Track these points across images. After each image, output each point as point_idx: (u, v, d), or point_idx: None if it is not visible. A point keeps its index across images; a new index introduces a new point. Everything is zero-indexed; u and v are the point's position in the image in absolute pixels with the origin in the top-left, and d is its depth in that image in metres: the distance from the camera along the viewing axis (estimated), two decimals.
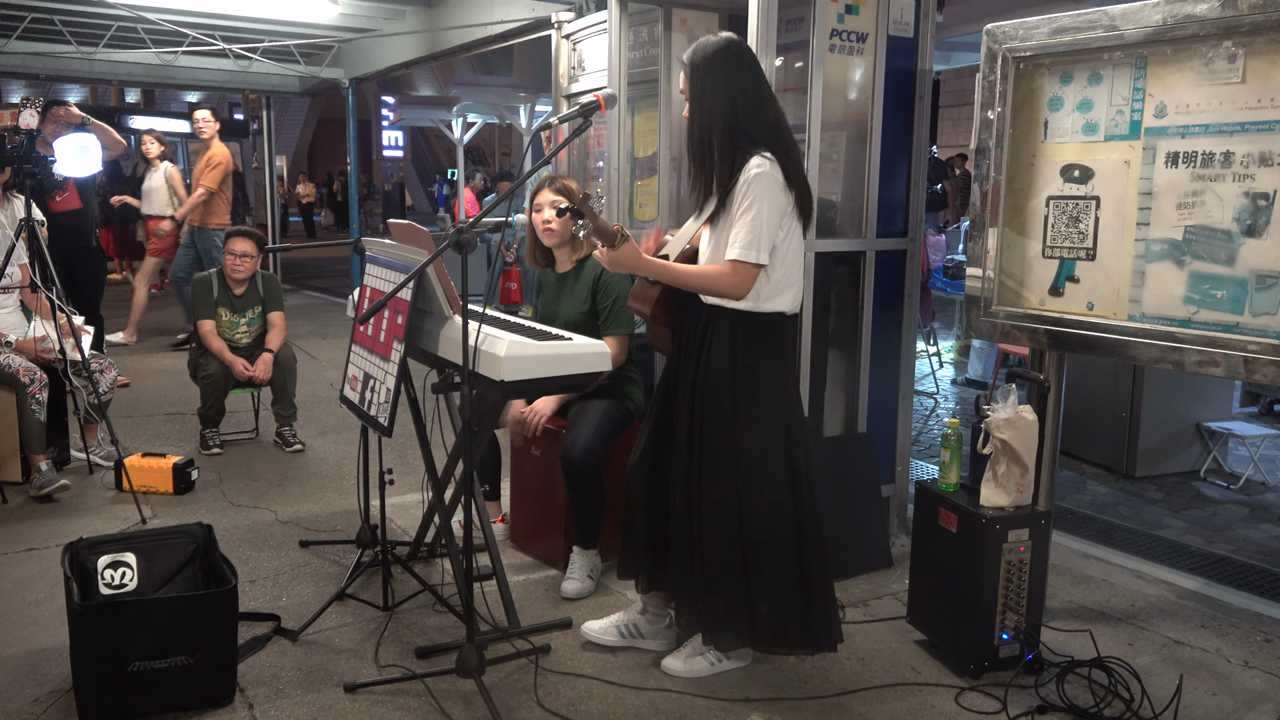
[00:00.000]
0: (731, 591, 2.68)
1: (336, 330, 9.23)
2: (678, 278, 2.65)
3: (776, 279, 2.61)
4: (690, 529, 2.69)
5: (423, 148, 30.25)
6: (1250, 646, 3.08)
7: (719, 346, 2.64)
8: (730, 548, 2.66)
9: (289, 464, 4.92)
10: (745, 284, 2.56)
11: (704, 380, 2.65)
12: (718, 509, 2.66)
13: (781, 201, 2.55)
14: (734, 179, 2.55)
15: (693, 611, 2.78)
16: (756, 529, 2.65)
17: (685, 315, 2.74)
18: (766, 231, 2.53)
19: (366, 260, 3.21)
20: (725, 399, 2.63)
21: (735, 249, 2.53)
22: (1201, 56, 2.69)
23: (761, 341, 2.64)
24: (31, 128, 4.19)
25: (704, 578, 2.69)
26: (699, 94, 2.59)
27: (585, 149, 5.03)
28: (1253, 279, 2.64)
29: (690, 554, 2.70)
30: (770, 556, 2.66)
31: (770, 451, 2.66)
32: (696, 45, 2.63)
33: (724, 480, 2.65)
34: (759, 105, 2.59)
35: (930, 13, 3.67)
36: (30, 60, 9.94)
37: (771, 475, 2.66)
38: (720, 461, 2.64)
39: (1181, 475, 4.96)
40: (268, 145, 13.31)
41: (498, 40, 8.08)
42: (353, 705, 2.67)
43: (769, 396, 2.65)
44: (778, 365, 2.68)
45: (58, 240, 5.23)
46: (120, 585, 2.81)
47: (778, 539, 2.66)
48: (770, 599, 2.68)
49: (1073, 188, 3.02)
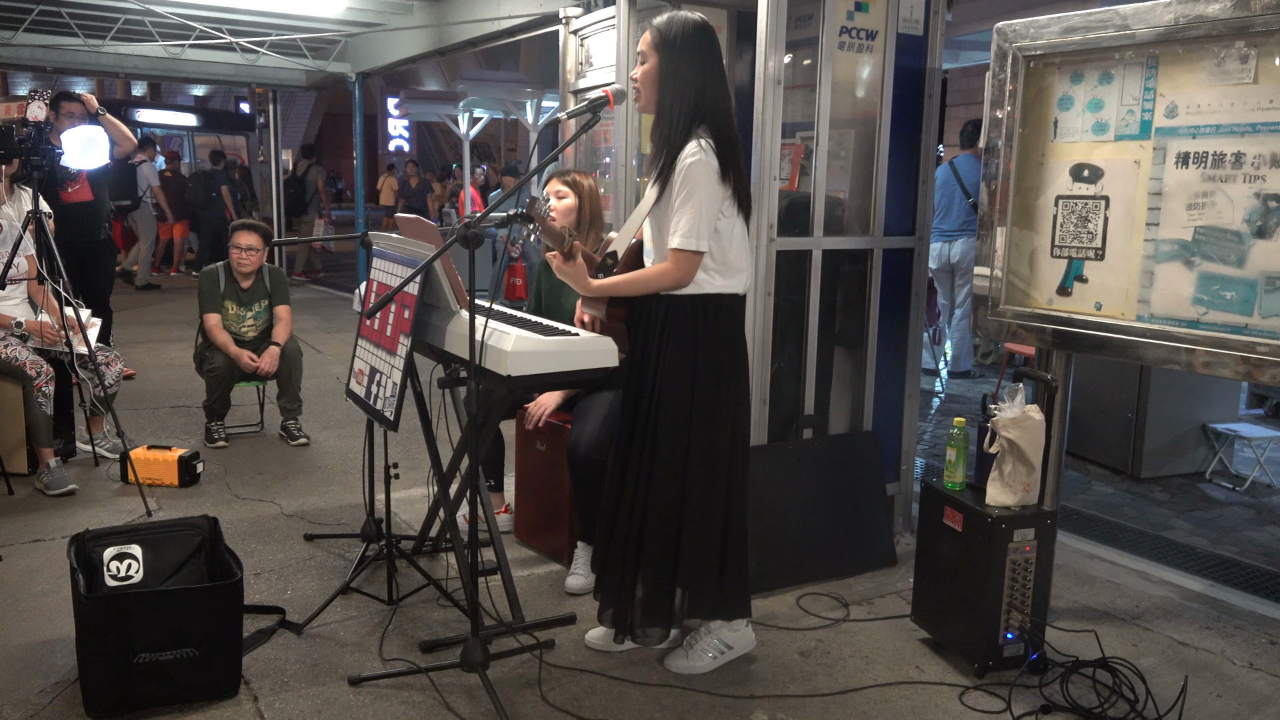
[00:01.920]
0: (661, 579, 2.73)
1: (342, 324, 9.24)
2: (621, 289, 2.69)
3: (728, 260, 2.66)
4: (632, 520, 2.73)
5: (428, 143, 30.26)
6: (1255, 648, 3.08)
7: (681, 332, 2.66)
8: (667, 538, 2.71)
9: (294, 458, 4.93)
10: (689, 272, 2.61)
11: (666, 368, 2.68)
12: (662, 501, 2.70)
13: (718, 190, 2.59)
14: (673, 166, 2.58)
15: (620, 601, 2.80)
16: (692, 518, 2.70)
17: (638, 310, 2.76)
18: (705, 219, 2.57)
19: (374, 254, 3.21)
20: (684, 386, 2.66)
21: (677, 238, 2.58)
22: (1213, 57, 2.68)
23: (720, 323, 2.68)
24: (39, 120, 4.19)
25: (640, 567, 2.74)
26: (672, 69, 2.61)
27: (592, 144, 5.02)
28: (1262, 280, 2.63)
29: (627, 545, 2.74)
30: (700, 543, 2.71)
31: (718, 443, 2.70)
32: (673, 18, 2.64)
33: (672, 470, 2.69)
34: (720, 95, 2.64)
35: (940, 11, 3.67)
36: (38, 53, 9.96)
37: (714, 464, 2.70)
38: (673, 451, 2.68)
39: (1187, 477, 4.95)
40: (274, 139, 13.33)
41: (505, 35, 8.08)
42: (357, 698, 2.67)
43: (725, 383, 2.69)
44: (736, 348, 2.73)
45: (68, 232, 5.24)
46: (126, 577, 2.81)
47: (708, 526, 2.72)
48: (691, 579, 2.74)
49: (1082, 187, 3.01)
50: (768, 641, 3.02)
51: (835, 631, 3.13)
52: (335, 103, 22.81)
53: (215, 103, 20.97)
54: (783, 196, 3.44)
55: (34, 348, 4.40)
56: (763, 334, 3.38)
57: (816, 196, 3.47)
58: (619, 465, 2.82)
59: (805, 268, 3.50)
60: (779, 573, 3.40)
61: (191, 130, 17.28)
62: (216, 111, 19.20)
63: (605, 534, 2.85)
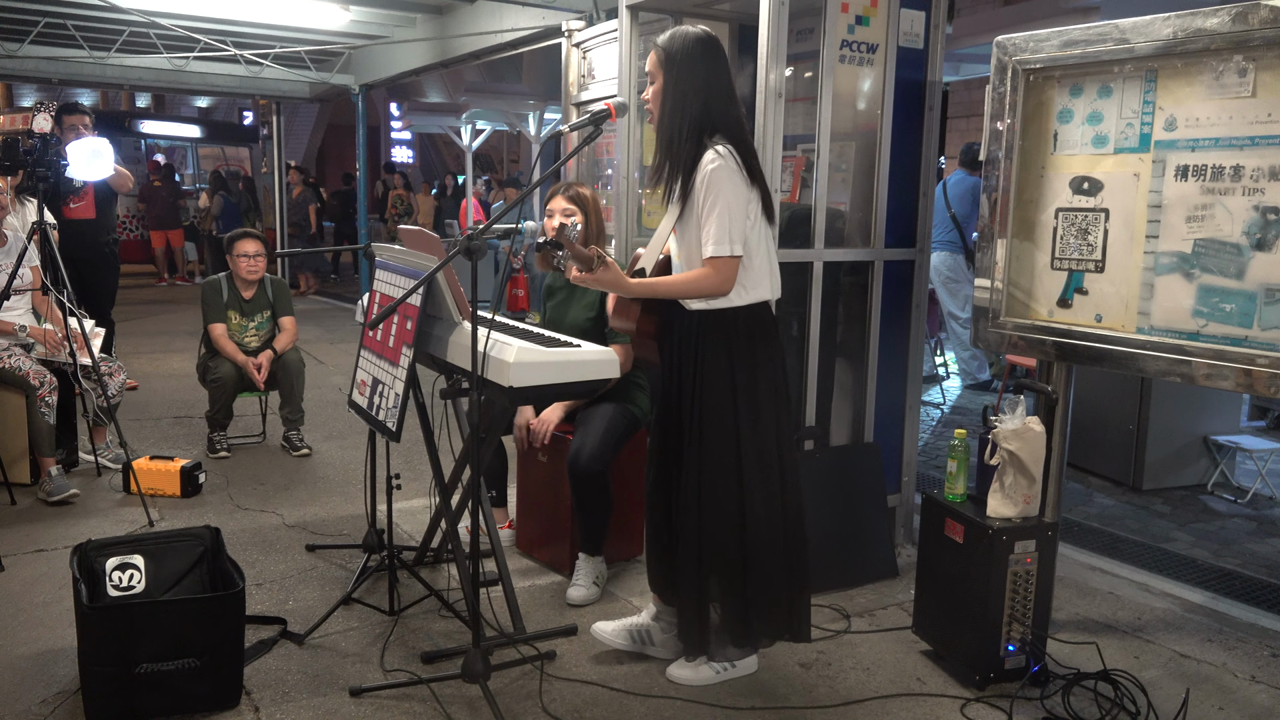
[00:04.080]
0: (731, 595, 2.71)
1: (344, 335, 9.26)
2: (661, 290, 2.67)
3: (755, 267, 2.64)
4: (696, 538, 2.70)
5: (431, 154, 30.32)
6: (1257, 661, 3.07)
7: (715, 346, 2.65)
8: (733, 552, 2.68)
9: (296, 468, 4.93)
10: (728, 279, 2.58)
11: (704, 384, 2.66)
12: (720, 516, 2.67)
13: (744, 192, 2.58)
14: (692, 175, 2.58)
15: (696, 619, 2.77)
16: (756, 531, 2.67)
17: (670, 325, 2.75)
18: (736, 223, 2.56)
19: (376, 265, 3.23)
20: (726, 402, 2.64)
21: (710, 246, 2.56)
22: (1212, 70, 2.70)
23: (754, 333, 2.67)
24: (45, 131, 4.22)
25: (708, 585, 2.71)
26: (673, 82, 2.62)
27: (594, 157, 5.04)
28: (1262, 293, 2.64)
29: (698, 563, 2.71)
30: (766, 557, 2.69)
31: (766, 452, 2.68)
32: (674, 33, 2.66)
33: (727, 485, 2.66)
34: (728, 103, 2.64)
35: (940, 24, 3.68)
36: (43, 65, 10.01)
37: (767, 475, 2.68)
38: (724, 467, 2.66)
39: (1189, 489, 4.95)
40: (277, 150, 13.37)
41: (508, 48, 8.12)
42: (358, 709, 2.67)
43: (764, 394, 2.68)
44: (772, 356, 2.71)
45: (69, 246, 5.24)
46: (128, 587, 2.82)
47: (773, 538, 2.69)
48: (766, 597, 2.71)
49: (1082, 200, 3.02)
50: (768, 653, 3.02)
51: (837, 643, 3.13)
52: (339, 114, 22.88)
53: (219, 114, 21.03)
54: (784, 209, 3.45)
55: (37, 358, 4.42)
56: None
57: (818, 209, 3.48)
58: (658, 485, 2.80)
59: (806, 280, 3.51)
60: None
61: (195, 141, 17.32)
62: (220, 123, 19.23)
63: (661, 558, 2.84)
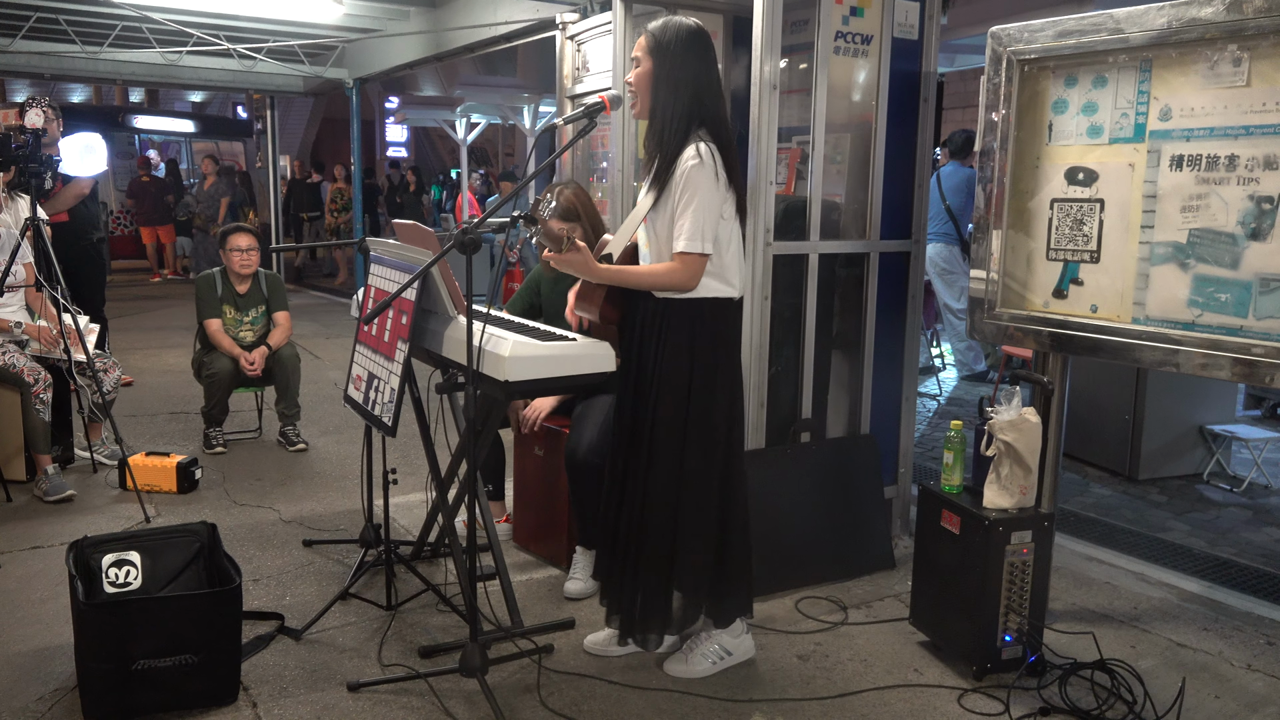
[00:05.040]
0: (657, 583, 2.74)
1: (340, 330, 9.24)
2: (628, 279, 2.69)
3: (725, 264, 2.66)
4: (632, 526, 2.74)
5: (426, 148, 30.26)
6: (1253, 649, 3.08)
7: (677, 336, 2.66)
8: (664, 543, 2.72)
9: (292, 463, 4.93)
10: (695, 275, 2.60)
11: (662, 371, 2.68)
12: (659, 506, 2.70)
13: (720, 193, 2.60)
14: (673, 167, 2.58)
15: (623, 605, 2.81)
16: (687, 523, 2.71)
17: (633, 312, 2.76)
18: (709, 221, 2.57)
19: (371, 260, 3.22)
20: (680, 391, 2.66)
21: (682, 241, 2.57)
22: (1206, 60, 2.69)
23: (717, 327, 2.68)
24: (37, 127, 4.20)
25: (638, 571, 2.74)
26: (666, 72, 2.62)
27: (589, 149, 5.03)
28: (1257, 282, 2.64)
29: (628, 551, 2.75)
30: (694, 548, 2.72)
31: (711, 448, 2.70)
32: (667, 22, 2.65)
33: (669, 475, 2.69)
34: (715, 98, 2.65)
35: (935, 15, 3.68)
36: (35, 60, 9.96)
37: (709, 470, 2.71)
38: (667, 453, 2.69)
39: (1184, 478, 4.96)
40: (271, 145, 13.34)
41: (502, 41, 8.10)
42: (356, 704, 2.67)
43: (720, 388, 2.69)
44: (731, 352, 2.73)
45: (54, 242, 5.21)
46: (124, 584, 2.81)
47: (704, 531, 2.72)
48: (687, 584, 2.75)
49: (1077, 190, 3.02)
50: (766, 645, 3.03)
51: (834, 635, 3.13)
52: (333, 108, 22.81)
53: (212, 109, 20.95)
54: (779, 201, 3.45)
55: (32, 355, 4.41)
56: (760, 338, 3.39)
57: (813, 200, 3.48)
58: (616, 470, 2.83)
59: (802, 271, 3.51)
60: (777, 576, 3.40)
61: (189, 136, 17.27)
62: (214, 117, 19.16)
63: (607, 540, 2.85)
